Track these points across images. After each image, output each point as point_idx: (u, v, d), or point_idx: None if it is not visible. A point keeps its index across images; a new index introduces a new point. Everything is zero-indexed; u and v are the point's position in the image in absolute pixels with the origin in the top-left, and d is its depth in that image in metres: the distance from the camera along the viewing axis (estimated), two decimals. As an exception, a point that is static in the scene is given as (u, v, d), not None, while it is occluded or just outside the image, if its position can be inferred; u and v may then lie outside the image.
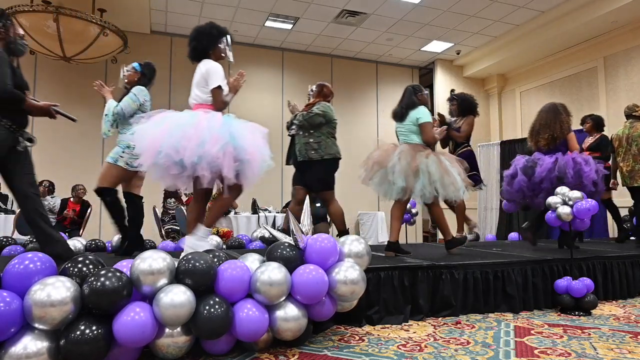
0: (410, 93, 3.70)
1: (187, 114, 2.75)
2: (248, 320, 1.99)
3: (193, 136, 2.54)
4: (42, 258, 1.87)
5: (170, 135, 2.56)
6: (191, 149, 2.52)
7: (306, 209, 2.53)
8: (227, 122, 2.72)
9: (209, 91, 2.83)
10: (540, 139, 4.08)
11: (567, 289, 3.00)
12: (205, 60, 2.90)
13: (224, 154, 2.55)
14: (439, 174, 3.40)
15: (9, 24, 2.66)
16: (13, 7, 5.73)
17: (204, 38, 2.94)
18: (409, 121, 3.62)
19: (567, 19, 7.31)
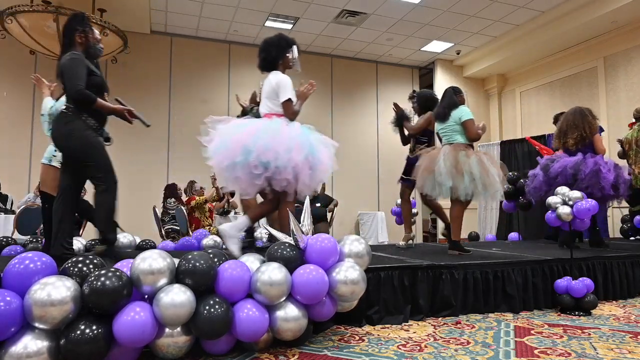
0: (451, 94, 3.84)
1: (267, 120, 2.88)
2: (248, 320, 1.99)
3: (282, 142, 2.69)
4: (42, 258, 1.87)
5: (259, 137, 2.70)
6: (281, 153, 2.66)
7: (306, 209, 2.53)
8: (306, 133, 2.87)
9: (280, 103, 2.93)
10: (569, 139, 4.20)
11: (567, 289, 3.00)
12: (274, 72, 3.04)
13: (305, 162, 2.71)
14: (480, 174, 3.50)
15: (88, 30, 2.85)
16: (13, 7, 5.73)
17: (273, 49, 3.10)
18: (452, 121, 3.73)
19: (567, 19, 7.31)
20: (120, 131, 8.23)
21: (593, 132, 4.14)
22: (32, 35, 5.95)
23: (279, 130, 2.76)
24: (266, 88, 3.01)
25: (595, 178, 3.92)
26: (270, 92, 2.97)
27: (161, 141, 8.28)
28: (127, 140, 8.02)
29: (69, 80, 2.63)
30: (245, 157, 2.68)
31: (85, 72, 2.68)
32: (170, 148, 8.33)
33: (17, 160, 7.39)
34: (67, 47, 2.80)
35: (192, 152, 8.34)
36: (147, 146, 8.14)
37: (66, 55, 2.71)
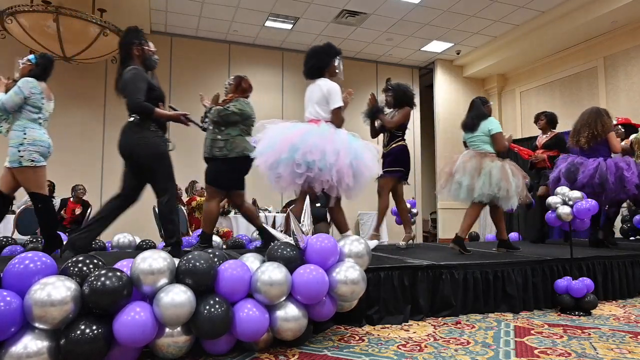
0: (479, 105, 3.95)
1: (315, 125, 3.01)
2: (248, 320, 1.99)
3: (329, 144, 2.81)
4: (42, 258, 1.87)
5: (307, 137, 2.82)
6: (327, 155, 2.78)
7: (306, 209, 2.53)
8: (352, 139, 3.02)
9: (329, 110, 3.06)
10: (581, 138, 4.26)
11: (567, 289, 3.00)
12: (324, 80, 3.15)
13: (349, 167, 2.84)
14: (497, 179, 3.58)
15: (144, 43, 3.03)
16: (13, 7, 5.73)
17: (323, 57, 3.20)
18: (480, 132, 3.83)
19: (567, 19, 7.31)
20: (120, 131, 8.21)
21: (606, 130, 4.18)
22: (32, 35, 5.94)
23: (327, 133, 2.90)
24: (315, 94, 3.11)
25: (621, 183, 3.98)
26: (321, 99, 3.08)
27: (161, 141, 8.28)
28: (127, 140, 8.03)
29: (130, 94, 2.80)
30: (290, 155, 2.79)
31: (145, 85, 2.87)
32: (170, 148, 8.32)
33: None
34: (125, 60, 2.98)
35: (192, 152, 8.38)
36: (147, 146, 8.14)
37: (127, 69, 2.88)
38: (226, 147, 3.57)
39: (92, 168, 7.71)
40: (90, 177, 7.50)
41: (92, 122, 7.96)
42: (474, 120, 3.89)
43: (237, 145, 3.57)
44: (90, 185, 7.09)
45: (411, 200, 5.52)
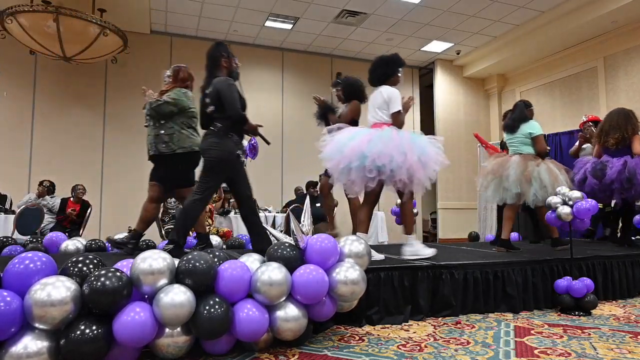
0: (522, 107, 4.11)
1: (379, 129, 3.16)
2: (248, 320, 1.99)
3: (395, 147, 2.99)
4: (42, 258, 1.87)
5: (373, 144, 3.00)
6: (395, 157, 2.95)
7: (306, 209, 2.53)
8: (415, 136, 3.19)
9: (389, 114, 3.23)
10: (610, 139, 4.32)
11: (567, 289, 3.00)
12: (385, 86, 3.31)
13: (418, 162, 3.01)
14: (550, 180, 3.70)
15: (232, 56, 3.31)
16: (13, 7, 5.73)
17: (392, 66, 3.36)
18: (521, 133, 3.97)
19: (567, 19, 7.31)
20: (120, 131, 8.25)
21: (634, 133, 4.26)
22: (32, 35, 5.94)
23: (391, 136, 3.07)
24: (377, 100, 3.30)
25: None
26: (382, 104, 3.26)
27: (161, 141, 8.27)
28: (127, 140, 8.02)
29: (231, 104, 2.99)
30: (360, 162, 2.99)
31: (238, 95, 3.07)
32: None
33: (17, 160, 7.39)
34: (212, 69, 3.21)
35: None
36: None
37: (223, 80, 3.08)
38: (172, 142, 3.46)
39: (92, 168, 7.71)
40: (90, 177, 7.50)
41: (92, 122, 7.96)
42: (514, 122, 4.04)
43: (184, 140, 3.47)
44: (90, 185, 7.09)
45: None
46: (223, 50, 3.27)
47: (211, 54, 3.27)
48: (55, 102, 7.76)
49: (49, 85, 7.77)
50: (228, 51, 3.29)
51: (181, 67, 3.76)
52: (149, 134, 3.60)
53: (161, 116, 3.50)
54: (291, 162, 8.97)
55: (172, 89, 3.63)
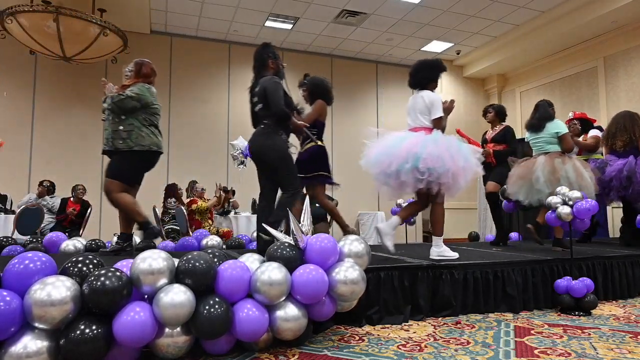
0: (545, 106, 4.17)
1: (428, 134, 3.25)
2: (248, 320, 1.99)
3: (445, 150, 3.10)
4: (42, 258, 1.87)
5: (425, 146, 3.10)
6: (446, 160, 3.07)
7: (306, 209, 2.53)
8: (461, 143, 3.31)
9: (431, 119, 3.32)
10: (618, 141, 4.41)
11: (567, 289, 3.00)
12: (427, 92, 3.41)
13: (462, 168, 3.13)
14: (576, 179, 3.79)
15: (277, 56, 3.42)
16: (13, 7, 5.73)
17: (434, 71, 3.51)
18: (546, 133, 4.04)
19: (567, 19, 7.31)
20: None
21: None
22: (32, 35, 5.95)
23: (440, 140, 3.19)
24: (419, 104, 3.38)
25: None
26: (424, 109, 3.34)
27: (161, 141, 8.28)
28: (127, 140, 8.03)
29: (275, 101, 3.09)
30: (413, 164, 3.08)
31: (283, 94, 3.19)
32: (170, 148, 8.33)
33: (17, 160, 7.39)
34: (259, 70, 3.34)
35: (192, 152, 8.39)
36: (147, 146, 8.14)
37: (269, 79, 3.21)
38: (130, 139, 3.38)
39: (92, 168, 7.71)
40: (90, 177, 7.50)
41: (92, 122, 7.95)
42: (540, 121, 4.09)
43: (142, 138, 3.40)
44: (90, 185, 7.09)
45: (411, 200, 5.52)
46: (270, 51, 3.38)
47: (258, 55, 3.38)
48: (55, 102, 7.76)
49: (49, 85, 7.77)
50: (274, 52, 3.41)
51: (144, 61, 3.61)
52: (106, 129, 3.49)
53: (123, 111, 3.40)
54: (291, 162, 8.96)
55: (134, 84, 3.50)
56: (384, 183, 3.30)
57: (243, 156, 5.22)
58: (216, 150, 8.34)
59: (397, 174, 3.13)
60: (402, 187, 3.24)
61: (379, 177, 3.28)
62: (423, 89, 3.45)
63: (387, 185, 3.31)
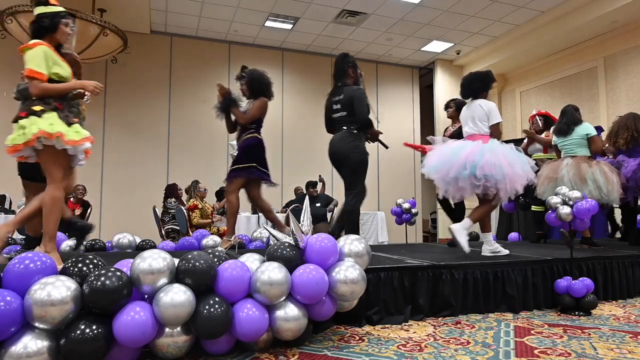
0: (572, 111, 4.36)
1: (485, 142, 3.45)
2: (248, 320, 1.99)
3: (502, 158, 3.31)
4: (42, 258, 1.87)
5: (483, 155, 3.31)
6: (504, 167, 3.28)
7: (306, 209, 2.53)
8: (516, 152, 3.50)
9: (489, 126, 3.55)
10: (620, 139, 4.49)
11: (567, 289, 3.00)
12: (484, 100, 3.64)
13: (520, 175, 3.34)
14: (603, 181, 3.96)
15: (356, 66, 3.59)
16: (13, 7, 5.73)
17: (488, 82, 3.73)
18: (576, 136, 4.21)
19: (567, 19, 7.31)
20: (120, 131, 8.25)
21: None
22: (32, 35, 5.94)
23: (497, 149, 3.39)
24: (477, 112, 3.60)
25: None
26: (482, 116, 3.57)
27: (161, 141, 8.28)
28: (127, 140, 8.03)
29: (361, 110, 3.36)
30: (471, 171, 3.29)
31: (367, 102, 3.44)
32: (170, 148, 8.34)
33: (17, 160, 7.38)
34: (340, 78, 3.56)
35: (192, 152, 8.39)
36: (147, 146, 8.14)
37: (355, 89, 3.47)
38: None
39: (92, 168, 7.71)
40: (90, 177, 7.50)
41: (92, 122, 7.94)
42: (569, 125, 4.25)
43: None
44: (90, 185, 7.09)
45: (411, 200, 5.53)
46: (349, 61, 3.57)
47: (339, 65, 3.58)
48: (55, 102, 7.75)
49: (49, 85, 7.75)
50: (354, 62, 3.59)
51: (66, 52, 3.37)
52: None
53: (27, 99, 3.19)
54: (291, 162, 8.97)
55: None
56: (444, 188, 3.50)
57: None
58: (216, 150, 8.34)
59: (455, 181, 3.35)
60: (460, 192, 3.44)
61: (440, 183, 3.50)
62: (476, 98, 3.67)
63: (447, 190, 3.52)
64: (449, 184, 3.41)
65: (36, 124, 2.37)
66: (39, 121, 2.38)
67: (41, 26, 2.57)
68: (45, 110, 2.43)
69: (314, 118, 9.54)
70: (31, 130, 2.36)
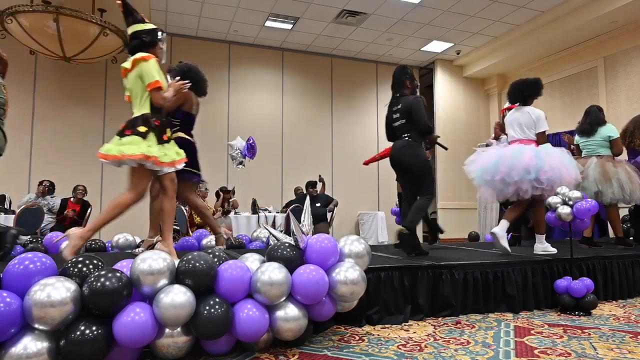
0: (596, 112, 4.42)
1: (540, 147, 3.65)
2: (248, 321, 1.99)
3: (559, 162, 3.51)
4: (42, 258, 1.87)
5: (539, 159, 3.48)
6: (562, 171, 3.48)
7: (306, 209, 2.53)
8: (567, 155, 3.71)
9: (535, 133, 3.73)
10: (636, 140, 4.57)
11: (567, 289, 3.00)
12: (531, 107, 3.85)
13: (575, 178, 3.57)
14: (627, 182, 4.09)
15: (413, 77, 3.79)
16: (13, 7, 5.73)
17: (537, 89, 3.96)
18: (599, 136, 4.31)
19: (567, 19, 7.31)
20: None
21: None
22: (32, 35, 5.94)
23: (553, 153, 3.59)
24: (524, 118, 3.79)
25: None
26: (530, 122, 3.76)
27: (161, 141, 8.27)
28: (127, 140, 8.02)
29: (421, 118, 3.54)
30: (535, 175, 3.45)
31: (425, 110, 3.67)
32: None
33: (17, 160, 7.39)
34: (398, 89, 3.75)
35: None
36: (147, 146, 8.13)
37: (413, 98, 3.65)
38: None
39: (92, 168, 7.71)
40: (90, 177, 7.50)
41: (92, 122, 7.96)
42: (592, 126, 4.34)
43: None
44: (90, 185, 7.09)
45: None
46: (407, 73, 3.77)
47: (397, 77, 3.77)
48: (55, 102, 7.76)
49: (49, 85, 7.76)
50: (411, 74, 3.81)
51: None
52: None
53: None
54: (291, 162, 8.97)
55: None
56: (496, 188, 3.66)
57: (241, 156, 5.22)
58: (216, 150, 8.34)
59: (516, 183, 3.51)
60: (518, 193, 3.58)
61: (492, 183, 3.66)
62: (525, 104, 3.86)
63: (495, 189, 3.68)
64: (509, 185, 3.55)
65: (137, 145, 2.59)
66: (140, 143, 2.60)
67: (143, 41, 2.86)
68: (148, 131, 2.64)
69: (314, 118, 9.56)
70: (131, 150, 2.58)
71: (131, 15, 2.87)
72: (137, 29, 2.87)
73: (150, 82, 2.70)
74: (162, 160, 2.68)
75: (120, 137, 2.67)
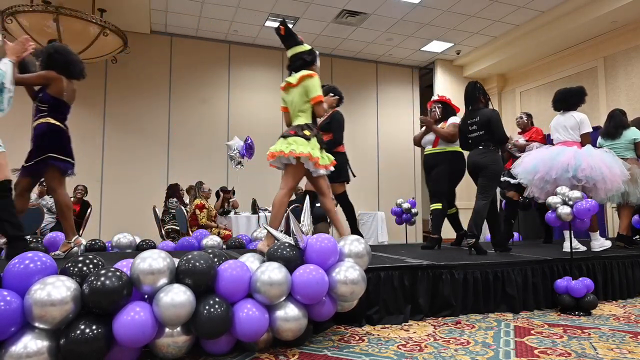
0: (620, 115, 4.55)
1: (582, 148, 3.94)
2: (248, 320, 1.99)
3: (599, 162, 3.76)
4: (42, 258, 1.87)
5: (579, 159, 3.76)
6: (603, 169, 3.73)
7: (306, 209, 2.53)
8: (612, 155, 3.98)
9: (580, 134, 4.05)
10: None
11: (567, 289, 3.00)
12: (577, 112, 4.14)
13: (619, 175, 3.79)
14: None
15: (485, 92, 4.15)
16: (13, 7, 5.73)
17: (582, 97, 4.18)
18: (624, 139, 4.42)
19: (567, 19, 7.31)
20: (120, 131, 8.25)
21: None
22: (32, 35, 5.93)
23: (595, 153, 3.86)
24: (570, 122, 4.11)
25: None
26: (574, 126, 4.08)
27: (161, 141, 8.28)
28: (127, 140, 8.02)
29: (499, 129, 3.89)
30: (573, 173, 3.74)
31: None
32: (170, 148, 8.33)
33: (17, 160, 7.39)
34: (471, 103, 4.09)
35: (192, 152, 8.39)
36: (147, 146, 8.14)
37: (490, 111, 4.01)
38: None
39: (92, 168, 7.71)
40: (90, 178, 7.50)
41: (92, 122, 7.96)
42: (616, 129, 4.45)
43: None
44: (90, 185, 7.09)
45: (411, 200, 5.53)
46: (479, 88, 4.10)
47: (470, 92, 4.09)
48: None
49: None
50: (483, 89, 4.14)
51: None
52: None
53: None
54: (291, 162, 8.95)
55: None
56: (538, 187, 3.95)
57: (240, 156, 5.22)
58: (216, 150, 8.34)
59: (555, 181, 3.78)
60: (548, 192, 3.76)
61: (536, 182, 3.94)
62: (569, 110, 4.15)
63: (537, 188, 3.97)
64: (548, 183, 3.84)
65: (304, 145, 2.84)
66: (306, 144, 2.85)
67: (305, 61, 3.16)
68: (312, 136, 2.91)
69: (314, 118, 9.54)
70: (299, 148, 2.81)
71: (292, 39, 3.13)
72: (299, 50, 3.16)
73: (315, 96, 3.06)
74: (321, 163, 2.93)
75: (285, 138, 2.91)
